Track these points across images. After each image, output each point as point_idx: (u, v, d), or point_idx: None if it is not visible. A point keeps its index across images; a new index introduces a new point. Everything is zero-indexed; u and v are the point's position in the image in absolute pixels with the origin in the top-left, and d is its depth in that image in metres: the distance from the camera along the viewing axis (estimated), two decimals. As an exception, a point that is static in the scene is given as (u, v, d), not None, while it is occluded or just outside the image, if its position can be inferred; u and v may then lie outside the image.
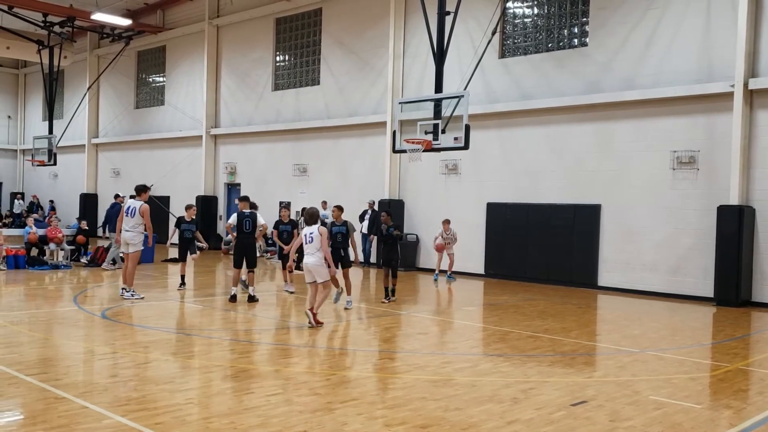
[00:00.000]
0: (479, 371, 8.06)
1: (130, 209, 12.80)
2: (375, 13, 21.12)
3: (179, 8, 27.71)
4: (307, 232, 10.25)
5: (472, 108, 14.93)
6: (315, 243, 10.20)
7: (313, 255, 10.20)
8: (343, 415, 6.12)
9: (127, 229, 12.76)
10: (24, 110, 38.08)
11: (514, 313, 12.68)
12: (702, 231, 14.97)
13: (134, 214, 12.71)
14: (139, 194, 13.01)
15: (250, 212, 12.87)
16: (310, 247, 10.20)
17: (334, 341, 9.88)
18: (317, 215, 10.62)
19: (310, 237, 10.21)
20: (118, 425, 5.66)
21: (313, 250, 10.20)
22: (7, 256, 17.20)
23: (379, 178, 20.85)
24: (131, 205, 12.84)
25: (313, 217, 10.44)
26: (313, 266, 10.19)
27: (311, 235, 10.21)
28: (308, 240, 10.21)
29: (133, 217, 12.71)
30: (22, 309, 11.49)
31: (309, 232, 10.24)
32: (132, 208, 12.79)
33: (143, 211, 12.70)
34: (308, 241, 10.21)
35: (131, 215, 12.73)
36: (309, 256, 10.23)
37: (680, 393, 7.25)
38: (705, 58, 15.07)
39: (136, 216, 12.70)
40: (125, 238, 12.80)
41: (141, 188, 13.13)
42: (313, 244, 10.20)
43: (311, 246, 10.20)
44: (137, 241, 12.81)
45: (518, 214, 17.86)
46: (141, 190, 13.09)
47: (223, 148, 26.45)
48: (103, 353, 8.53)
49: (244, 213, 12.79)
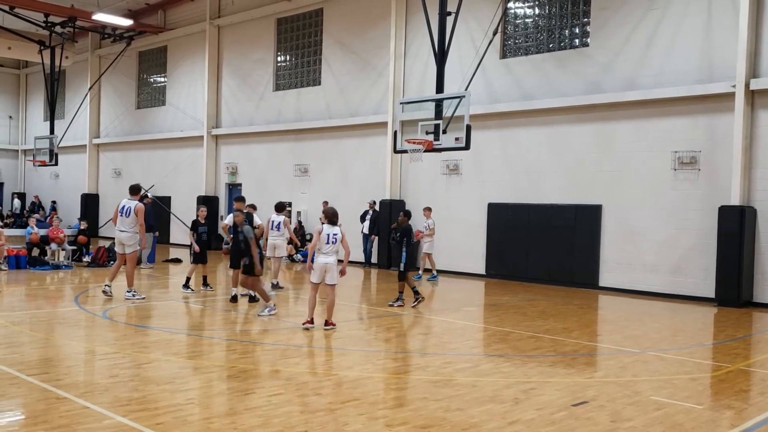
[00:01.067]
0: (480, 371, 8.06)
1: (124, 209, 12.61)
2: (376, 13, 21.12)
3: (180, 8, 27.72)
4: (330, 232, 10.15)
5: (473, 108, 14.92)
6: (337, 244, 10.15)
7: (332, 255, 10.15)
8: (344, 415, 6.12)
9: (123, 229, 12.58)
10: (25, 110, 38.11)
11: (515, 313, 12.67)
12: (703, 231, 14.96)
13: (129, 214, 12.54)
14: (133, 194, 12.88)
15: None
16: (331, 248, 10.14)
17: (335, 341, 9.87)
18: (337, 215, 10.51)
19: (334, 238, 10.11)
20: (119, 425, 5.66)
21: (333, 251, 10.15)
22: (9, 256, 17.22)
23: (380, 179, 20.86)
24: (126, 205, 12.65)
25: (336, 216, 10.36)
26: (331, 267, 10.13)
27: (335, 236, 10.14)
28: (332, 240, 10.10)
29: (128, 217, 12.54)
30: (24, 309, 11.49)
31: (333, 232, 10.15)
32: (127, 208, 12.61)
33: (138, 211, 12.55)
34: (332, 242, 10.11)
35: (126, 215, 12.55)
36: (327, 256, 10.10)
37: (681, 393, 7.25)
38: (706, 59, 15.06)
39: (131, 216, 12.53)
40: (121, 239, 12.63)
41: (135, 188, 13.02)
42: (335, 245, 10.13)
43: (332, 246, 10.14)
44: (134, 241, 12.65)
45: (519, 214, 17.85)
46: (135, 189, 12.98)
47: (224, 148, 26.46)
48: (104, 353, 8.53)
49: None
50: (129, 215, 12.56)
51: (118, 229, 12.66)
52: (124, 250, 12.68)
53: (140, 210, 12.61)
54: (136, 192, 13.01)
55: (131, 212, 12.55)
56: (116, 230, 12.75)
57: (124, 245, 12.64)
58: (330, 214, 10.33)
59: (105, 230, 31.19)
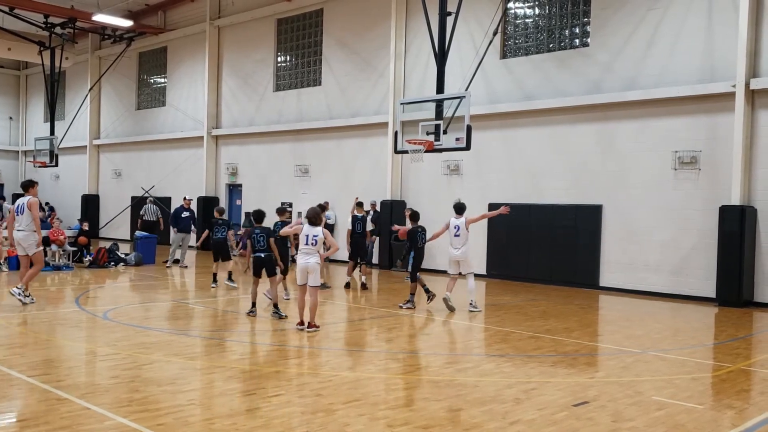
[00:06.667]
0: (481, 372, 8.06)
1: (19, 207, 11.78)
2: (376, 13, 21.13)
3: (180, 9, 27.73)
4: (310, 233, 10.16)
5: (474, 108, 14.92)
6: (318, 244, 10.15)
7: (313, 255, 10.15)
8: (346, 416, 6.12)
9: (19, 228, 11.72)
10: (25, 111, 38.12)
11: (516, 313, 12.67)
12: (704, 231, 14.96)
13: (23, 212, 11.73)
14: (27, 190, 11.98)
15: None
16: (311, 248, 10.15)
17: (336, 342, 9.87)
18: (320, 216, 10.50)
19: (314, 239, 10.14)
20: (120, 426, 5.66)
21: (314, 251, 10.14)
22: (9, 257, 17.20)
23: (381, 179, 20.85)
24: (20, 203, 11.81)
25: (318, 217, 10.35)
26: (313, 267, 10.10)
27: (315, 237, 10.15)
28: (311, 241, 10.15)
29: (22, 214, 11.73)
30: (24, 310, 11.49)
31: (313, 233, 10.16)
32: (20, 205, 11.78)
33: (30, 205, 11.69)
34: (311, 243, 10.14)
35: (20, 213, 11.73)
36: (307, 257, 10.09)
37: (682, 393, 7.25)
38: (706, 59, 15.06)
39: (26, 213, 11.71)
40: (18, 239, 11.73)
41: (27, 183, 12.12)
42: (315, 246, 10.13)
43: (313, 247, 10.13)
44: (31, 241, 11.77)
45: (520, 214, 17.82)
46: (28, 185, 12.07)
47: (225, 148, 26.46)
48: (105, 354, 8.53)
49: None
50: (23, 212, 11.73)
51: (16, 229, 11.76)
52: (27, 252, 11.83)
53: (33, 204, 11.74)
54: (27, 188, 12.05)
55: (25, 209, 11.71)
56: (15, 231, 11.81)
57: (22, 246, 11.80)
58: (310, 215, 10.28)
59: (105, 231, 31.24)
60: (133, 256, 19.49)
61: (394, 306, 13.00)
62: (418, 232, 13.18)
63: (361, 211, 15.99)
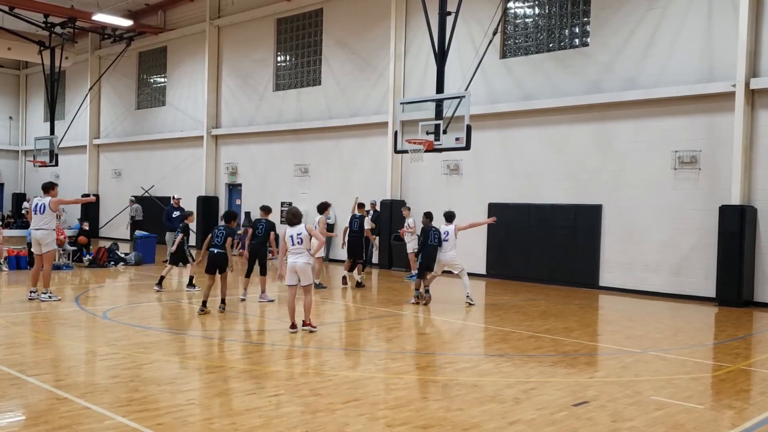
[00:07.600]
0: (481, 371, 8.06)
1: (38, 207, 12.25)
2: (376, 13, 21.12)
3: (180, 9, 27.72)
4: (293, 233, 10.08)
5: (474, 108, 14.92)
6: (304, 243, 10.11)
7: (301, 255, 10.08)
8: (345, 415, 6.12)
9: (38, 227, 12.20)
10: (25, 111, 38.12)
11: (515, 313, 12.67)
12: (704, 231, 14.96)
13: (44, 211, 12.21)
14: (47, 191, 12.46)
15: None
16: (298, 248, 10.09)
17: (336, 342, 9.87)
18: (300, 215, 10.42)
19: (298, 238, 10.08)
20: (119, 426, 5.66)
21: (302, 250, 10.08)
22: (9, 257, 17.21)
23: (381, 179, 20.85)
24: (39, 203, 12.30)
25: (296, 216, 10.27)
26: (301, 267, 10.05)
27: (299, 236, 10.10)
28: (296, 241, 10.07)
29: (42, 213, 12.20)
30: (24, 309, 11.49)
31: (296, 233, 10.10)
32: (41, 205, 12.26)
33: (53, 204, 12.26)
34: (297, 242, 10.08)
35: (40, 212, 12.19)
36: (296, 257, 10.02)
37: (682, 393, 7.25)
38: (706, 58, 15.06)
39: (45, 212, 12.20)
40: (36, 238, 12.24)
41: (48, 186, 12.60)
42: (302, 245, 10.08)
43: (300, 246, 10.10)
44: (50, 239, 12.28)
45: (520, 214, 17.85)
46: (49, 187, 12.56)
47: (224, 148, 26.46)
48: (104, 354, 8.53)
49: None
50: (44, 212, 12.20)
51: (33, 228, 12.28)
52: (41, 250, 12.22)
53: (55, 202, 12.35)
54: (47, 189, 12.52)
55: (45, 209, 12.21)
56: (32, 229, 12.36)
57: (41, 244, 12.21)
58: (288, 215, 10.23)
59: (105, 231, 31.24)
60: (133, 255, 19.50)
61: (393, 306, 13.00)
62: (431, 230, 13.22)
63: (361, 210, 16.03)
